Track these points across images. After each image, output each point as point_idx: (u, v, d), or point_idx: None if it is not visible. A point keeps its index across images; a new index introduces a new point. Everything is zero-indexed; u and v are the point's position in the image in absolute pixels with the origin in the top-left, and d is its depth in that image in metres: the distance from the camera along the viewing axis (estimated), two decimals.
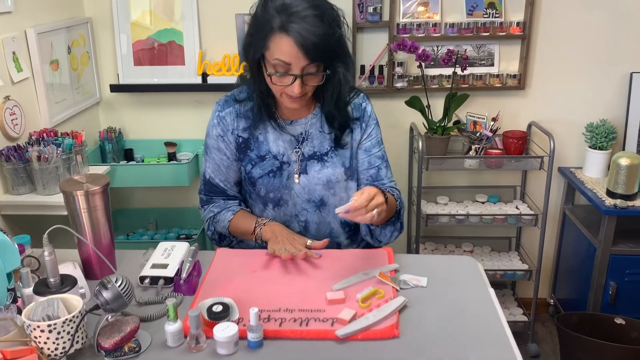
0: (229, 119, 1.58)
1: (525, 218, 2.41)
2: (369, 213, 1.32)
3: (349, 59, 1.49)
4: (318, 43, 1.36)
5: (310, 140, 1.58)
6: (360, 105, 1.61)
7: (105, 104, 2.57)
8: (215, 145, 1.60)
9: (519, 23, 2.36)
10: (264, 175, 1.59)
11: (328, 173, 1.58)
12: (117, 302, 1.15)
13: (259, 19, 1.41)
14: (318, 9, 1.37)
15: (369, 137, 1.61)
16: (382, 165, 1.63)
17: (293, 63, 1.38)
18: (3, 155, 1.79)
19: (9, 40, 1.86)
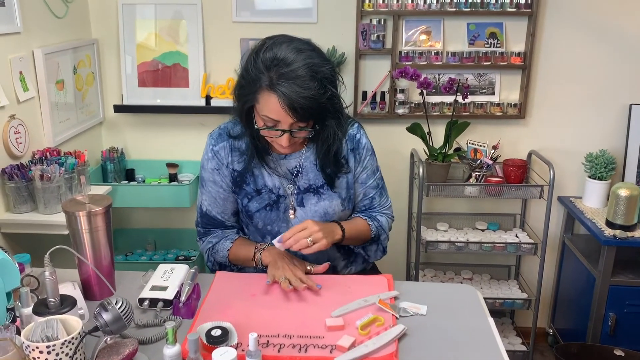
0: (223, 154, 1.58)
1: (524, 247, 2.41)
2: (302, 241, 1.43)
3: (341, 114, 1.48)
4: (306, 105, 1.34)
5: (305, 173, 1.58)
6: (354, 136, 1.60)
7: (109, 123, 2.59)
8: (210, 178, 1.60)
9: (519, 53, 2.39)
10: (261, 209, 1.59)
11: (325, 206, 1.58)
12: (116, 324, 1.15)
13: (249, 73, 1.38)
14: (310, 68, 1.34)
15: (365, 169, 1.62)
16: (376, 194, 1.66)
17: (281, 120, 1.38)
18: (6, 174, 1.79)
19: (17, 60, 1.88)
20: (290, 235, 1.44)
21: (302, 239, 1.43)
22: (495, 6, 2.33)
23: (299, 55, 1.36)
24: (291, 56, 1.35)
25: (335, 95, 1.44)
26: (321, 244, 1.44)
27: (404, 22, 2.40)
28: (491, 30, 2.38)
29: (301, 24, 2.42)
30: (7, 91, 1.83)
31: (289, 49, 1.37)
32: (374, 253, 1.72)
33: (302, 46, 1.39)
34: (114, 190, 2.24)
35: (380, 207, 1.67)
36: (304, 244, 1.43)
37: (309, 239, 1.43)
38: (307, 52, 1.38)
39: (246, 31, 2.43)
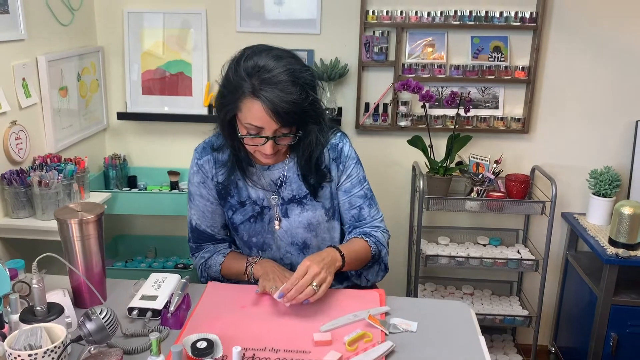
0: (207, 167, 1.58)
1: (525, 263, 2.38)
2: (307, 288, 1.35)
3: (323, 120, 1.48)
4: (289, 109, 1.35)
5: (289, 184, 1.57)
6: (336, 145, 1.59)
7: (112, 130, 2.61)
8: (197, 192, 1.60)
9: (524, 68, 2.37)
10: (245, 221, 1.59)
11: (308, 216, 1.57)
12: (100, 334, 1.14)
13: (230, 82, 1.39)
14: (291, 74, 1.35)
15: (348, 178, 1.60)
16: (364, 204, 1.62)
17: (265, 127, 1.38)
18: (5, 179, 1.81)
19: (20, 67, 1.90)
20: (290, 285, 1.37)
21: (307, 287, 1.36)
22: (500, 20, 2.32)
23: (279, 62, 1.37)
24: (271, 63, 1.36)
25: (317, 100, 1.44)
26: (327, 282, 1.39)
27: (407, 34, 2.40)
28: (495, 44, 2.37)
29: (305, 34, 2.43)
30: (9, 97, 1.85)
31: (269, 57, 1.38)
32: (375, 275, 1.66)
33: (282, 53, 1.41)
34: (114, 197, 2.25)
35: (371, 219, 1.63)
36: (309, 292, 1.35)
37: (314, 284, 1.36)
38: (287, 59, 1.39)
39: (250, 41, 2.36)
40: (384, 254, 1.63)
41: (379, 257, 1.62)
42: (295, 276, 1.38)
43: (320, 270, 1.39)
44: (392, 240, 2.60)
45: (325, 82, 2.37)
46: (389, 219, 2.61)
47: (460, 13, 2.32)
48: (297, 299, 1.36)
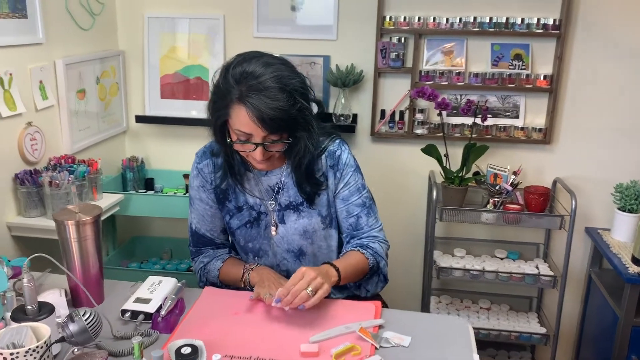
0: (207, 171, 1.58)
1: (543, 279, 2.28)
2: (302, 293, 1.33)
3: (312, 127, 1.45)
4: (276, 116, 1.33)
5: (286, 190, 1.56)
6: (334, 153, 1.56)
7: (132, 133, 2.66)
8: (197, 195, 1.60)
9: (546, 76, 2.29)
10: (242, 226, 1.58)
11: (304, 223, 1.55)
12: (82, 336, 1.15)
13: (220, 88, 1.39)
14: (279, 81, 1.34)
15: (346, 186, 1.57)
16: (362, 213, 1.58)
17: (253, 133, 1.37)
18: (18, 179, 1.86)
19: (37, 70, 1.95)
20: (286, 290, 1.35)
21: (301, 291, 1.34)
22: (521, 27, 2.25)
23: (267, 68, 1.36)
24: (260, 69, 1.36)
25: (306, 107, 1.42)
26: (323, 289, 1.36)
27: (425, 40, 2.35)
28: (516, 51, 2.30)
29: (321, 40, 2.41)
30: (25, 99, 1.90)
31: (258, 63, 1.37)
32: (374, 286, 1.63)
33: (272, 60, 1.40)
34: (128, 199, 2.28)
35: (368, 228, 1.59)
36: (304, 296, 1.33)
37: (309, 289, 1.34)
38: (276, 66, 1.38)
39: (267, 46, 2.42)
40: (382, 266, 1.59)
41: (378, 269, 1.59)
42: (291, 281, 1.36)
43: (317, 276, 1.37)
44: (408, 251, 2.60)
45: (340, 88, 2.35)
46: (404, 229, 2.59)
47: (479, 19, 2.26)
48: (293, 303, 1.34)
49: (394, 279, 2.66)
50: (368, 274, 1.57)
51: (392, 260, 2.61)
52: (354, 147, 2.51)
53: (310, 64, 2.42)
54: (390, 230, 2.57)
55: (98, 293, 1.49)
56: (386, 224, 2.53)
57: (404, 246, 2.64)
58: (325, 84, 2.42)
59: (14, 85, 1.83)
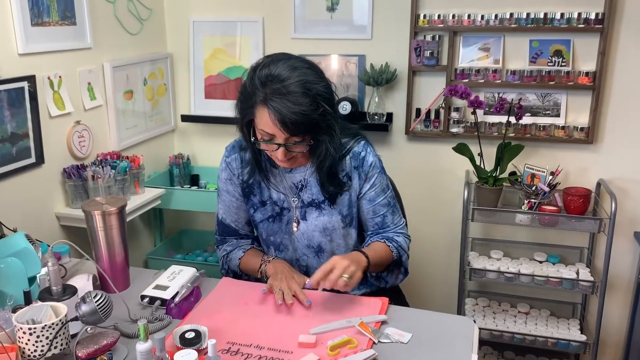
0: (235, 165, 1.65)
1: (583, 284, 2.19)
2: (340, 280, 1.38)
3: (334, 131, 1.48)
4: (297, 120, 1.37)
5: (309, 187, 1.60)
6: (359, 154, 1.58)
7: (180, 131, 2.80)
8: (224, 187, 1.67)
9: (588, 73, 2.19)
10: (264, 220, 1.64)
11: (324, 220, 1.59)
12: (93, 316, 1.25)
13: (246, 89, 1.45)
14: (303, 85, 1.38)
15: (372, 187, 1.59)
16: (387, 212, 1.62)
17: (276, 135, 1.42)
18: (66, 173, 2.02)
19: (85, 72, 2.11)
20: (320, 277, 1.40)
21: (338, 279, 1.39)
22: (561, 22, 2.17)
23: (293, 72, 1.40)
24: (285, 73, 1.39)
25: (329, 112, 1.45)
26: (357, 277, 1.42)
27: (461, 38, 2.32)
28: (556, 47, 2.21)
29: (356, 40, 2.44)
30: (74, 100, 2.06)
31: (284, 67, 1.41)
32: (395, 278, 1.67)
33: (298, 64, 1.43)
34: (170, 193, 2.41)
35: (394, 226, 1.64)
36: (341, 283, 1.39)
37: (345, 276, 1.39)
38: (302, 70, 1.41)
39: (303, 47, 2.50)
40: (404, 259, 1.64)
41: (400, 262, 1.64)
42: (324, 268, 1.41)
43: (350, 264, 1.41)
44: (445, 251, 2.59)
45: (374, 87, 2.36)
46: (442, 229, 2.58)
47: (516, 15, 2.20)
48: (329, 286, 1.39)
49: (431, 278, 2.66)
50: (391, 265, 1.62)
51: (429, 261, 2.63)
52: (388, 145, 2.52)
53: (345, 63, 2.46)
54: (427, 230, 2.59)
55: (123, 279, 1.60)
56: (423, 224, 2.55)
57: (441, 246, 2.61)
58: (360, 83, 2.45)
59: (63, 86, 2.00)
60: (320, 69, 1.47)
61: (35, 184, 1.94)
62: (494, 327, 2.34)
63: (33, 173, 1.92)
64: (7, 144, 1.80)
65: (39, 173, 1.95)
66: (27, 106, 1.85)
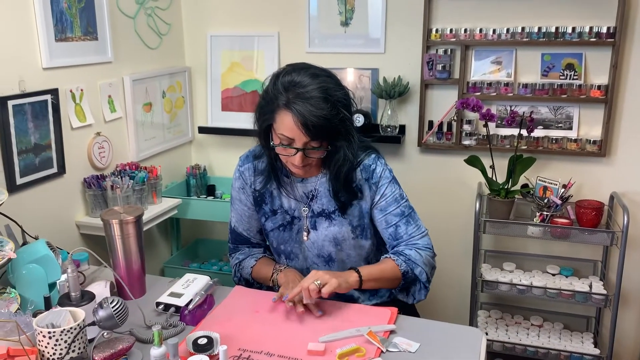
0: (247, 174, 1.69)
1: (595, 297, 2.19)
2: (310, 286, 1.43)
3: (352, 137, 1.52)
4: (318, 123, 1.42)
5: (320, 197, 1.63)
6: (369, 167, 1.61)
7: (197, 143, 2.86)
8: (237, 196, 1.72)
9: (600, 86, 2.20)
10: (275, 229, 1.68)
11: (334, 231, 1.62)
12: (109, 321, 1.29)
13: (269, 93, 1.50)
14: (324, 91, 1.43)
15: (383, 197, 1.62)
16: (400, 222, 1.62)
17: (295, 138, 1.46)
18: (86, 182, 2.09)
19: (106, 85, 2.19)
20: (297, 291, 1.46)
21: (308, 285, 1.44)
22: (572, 36, 2.18)
23: (314, 79, 1.46)
24: (307, 80, 1.46)
25: (347, 118, 1.50)
26: (330, 283, 1.44)
27: (473, 52, 2.35)
28: (568, 61, 2.23)
29: (369, 54, 2.48)
30: (94, 112, 2.13)
31: (306, 74, 1.47)
32: (417, 293, 1.64)
33: (319, 72, 1.50)
34: (186, 203, 2.47)
35: (408, 236, 1.61)
36: (313, 287, 1.43)
37: (317, 282, 1.44)
38: (323, 77, 1.48)
39: (318, 60, 2.45)
40: (418, 273, 1.58)
41: (414, 276, 1.58)
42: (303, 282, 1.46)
43: (325, 273, 1.46)
44: (458, 263, 2.60)
45: (386, 100, 2.40)
46: (454, 241, 2.58)
47: (528, 29, 2.23)
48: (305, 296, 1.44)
49: (443, 290, 2.67)
50: (402, 280, 1.58)
51: (441, 272, 2.63)
52: (401, 157, 2.54)
53: (359, 77, 2.50)
54: (440, 242, 2.58)
55: (139, 286, 1.65)
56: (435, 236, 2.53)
57: (453, 258, 2.62)
58: (373, 96, 2.49)
59: (85, 99, 2.07)
60: (338, 78, 1.53)
61: (56, 193, 2.00)
62: (507, 340, 2.34)
63: (55, 183, 1.99)
64: (30, 154, 1.87)
65: (61, 183, 2.02)
66: (50, 118, 1.92)
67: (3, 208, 1.47)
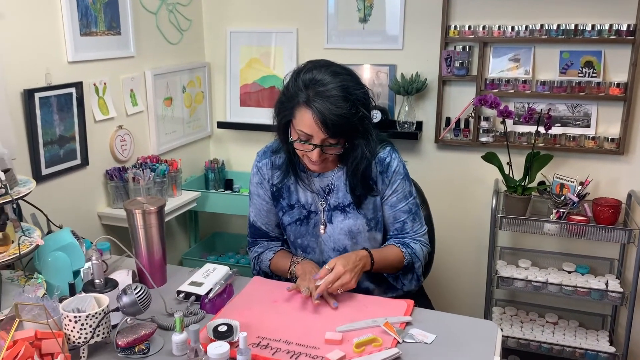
0: (265, 169, 1.72)
1: (612, 295, 2.18)
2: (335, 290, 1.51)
3: (370, 135, 1.55)
4: (337, 122, 1.45)
5: (336, 192, 1.66)
6: (384, 160, 1.64)
7: (216, 137, 2.90)
8: (255, 191, 1.75)
9: (619, 84, 2.20)
10: (292, 223, 1.70)
11: (349, 224, 1.65)
12: (133, 307, 1.33)
13: (289, 90, 1.52)
14: (344, 90, 1.46)
15: (394, 193, 1.64)
16: (407, 219, 1.66)
17: (314, 135, 1.49)
18: (108, 174, 2.13)
19: (128, 79, 2.23)
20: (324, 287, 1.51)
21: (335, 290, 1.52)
22: (592, 33, 2.18)
23: (335, 77, 1.48)
24: (327, 78, 1.48)
25: (366, 116, 1.53)
26: (348, 287, 1.53)
27: (491, 49, 2.35)
28: (587, 58, 2.23)
29: (387, 50, 2.49)
30: (117, 105, 2.18)
31: (326, 72, 1.49)
32: (409, 282, 1.72)
33: (339, 70, 1.52)
34: (205, 197, 2.51)
35: (413, 232, 1.68)
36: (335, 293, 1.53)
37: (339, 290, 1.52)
38: (343, 76, 1.50)
39: (336, 57, 2.48)
40: (417, 267, 1.68)
41: (412, 268, 1.67)
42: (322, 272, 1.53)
43: (345, 272, 1.50)
44: (474, 259, 2.62)
45: (404, 96, 2.41)
46: (470, 237, 2.60)
47: (547, 27, 2.23)
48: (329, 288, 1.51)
49: (459, 286, 2.68)
50: (401, 270, 1.67)
51: (457, 268, 2.65)
52: (418, 154, 2.56)
53: (376, 73, 2.52)
54: (456, 238, 2.61)
55: (161, 275, 1.69)
56: (451, 231, 2.58)
57: (469, 255, 2.63)
58: (390, 92, 2.50)
59: (107, 93, 2.12)
60: (359, 77, 1.55)
61: (79, 184, 2.05)
62: (522, 336, 2.35)
63: (78, 174, 2.04)
64: (55, 145, 1.91)
65: (84, 174, 2.06)
66: (74, 111, 1.97)
67: (29, 197, 1.51)
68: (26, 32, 1.79)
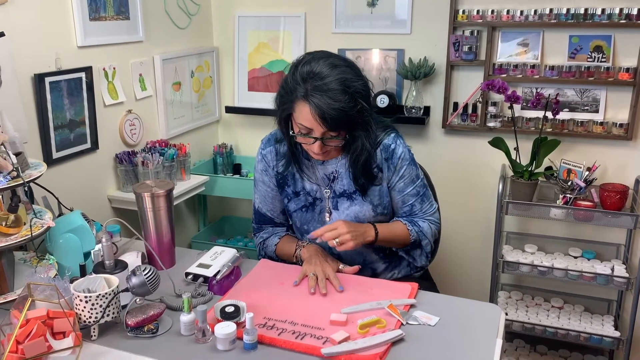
0: (270, 157, 1.73)
1: (617, 280, 2.19)
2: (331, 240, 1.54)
3: (370, 128, 1.55)
4: (336, 115, 1.45)
5: (341, 179, 1.67)
6: (389, 146, 1.64)
7: (224, 122, 2.92)
8: (260, 178, 1.76)
9: (629, 69, 2.18)
10: (298, 210, 1.72)
11: (356, 210, 1.66)
12: (142, 288, 1.36)
13: (288, 84, 1.53)
14: (342, 83, 1.45)
15: (401, 178, 1.66)
16: (416, 202, 1.68)
17: (314, 129, 1.49)
18: (118, 158, 2.16)
19: (137, 64, 2.24)
20: (320, 233, 1.56)
21: (330, 239, 1.54)
22: (602, 17, 2.16)
23: (333, 70, 1.47)
24: (326, 71, 1.47)
25: (366, 109, 1.52)
26: (347, 245, 1.54)
27: (500, 33, 2.34)
28: (596, 43, 2.21)
29: (395, 34, 2.49)
30: (126, 90, 2.20)
31: (325, 64, 1.48)
32: (418, 257, 1.76)
33: (338, 62, 1.50)
34: (213, 181, 2.53)
35: (422, 213, 1.71)
36: (332, 244, 1.55)
37: (336, 240, 1.53)
38: (342, 68, 1.49)
39: (344, 41, 2.57)
40: (424, 244, 1.71)
41: (420, 245, 1.71)
42: (328, 227, 1.57)
43: (347, 232, 1.54)
44: (480, 244, 2.63)
45: (411, 81, 2.41)
46: (477, 222, 2.61)
47: (556, 11, 2.21)
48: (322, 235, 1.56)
49: (465, 270, 2.70)
50: (408, 246, 1.70)
51: (463, 252, 2.66)
52: (425, 139, 2.56)
53: (384, 57, 2.51)
54: (462, 223, 2.62)
55: (169, 257, 1.72)
56: (458, 216, 2.59)
57: (475, 239, 2.64)
58: (398, 77, 2.50)
59: (117, 77, 2.13)
60: (358, 67, 1.54)
61: (89, 168, 2.08)
62: (526, 320, 2.37)
63: (88, 158, 2.07)
64: (66, 129, 1.94)
65: (94, 158, 2.09)
66: (84, 95, 1.99)
67: (41, 180, 1.54)
68: (36, 17, 1.81)
